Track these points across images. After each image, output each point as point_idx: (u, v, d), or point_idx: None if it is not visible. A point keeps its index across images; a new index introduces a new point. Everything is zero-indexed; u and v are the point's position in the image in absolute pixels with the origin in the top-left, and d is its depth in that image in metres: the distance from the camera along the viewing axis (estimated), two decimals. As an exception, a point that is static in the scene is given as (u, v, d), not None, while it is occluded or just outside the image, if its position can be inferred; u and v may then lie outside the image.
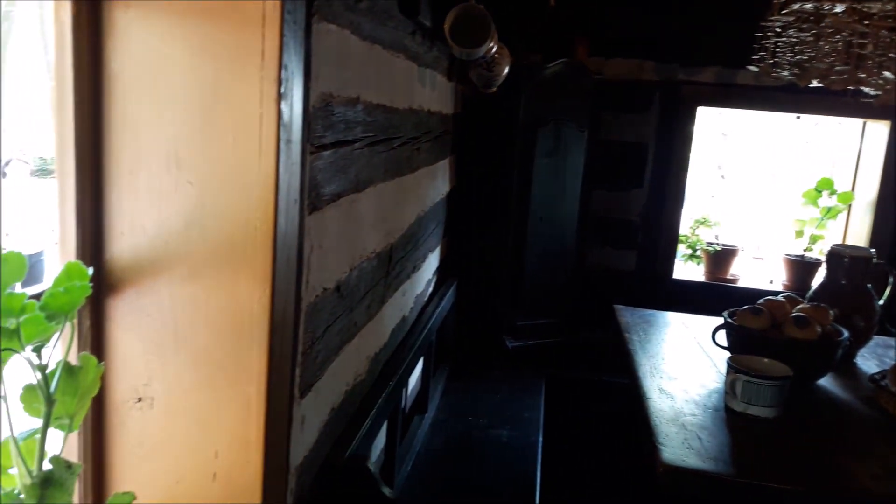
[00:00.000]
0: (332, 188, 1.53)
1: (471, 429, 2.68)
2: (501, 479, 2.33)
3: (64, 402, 0.89)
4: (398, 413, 2.16)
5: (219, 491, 1.18)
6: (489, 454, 2.49)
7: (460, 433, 2.64)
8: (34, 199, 6.26)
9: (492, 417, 2.79)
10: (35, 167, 11.05)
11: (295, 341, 1.32)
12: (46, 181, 6.45)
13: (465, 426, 2.70)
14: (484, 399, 2.97)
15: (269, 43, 1.08)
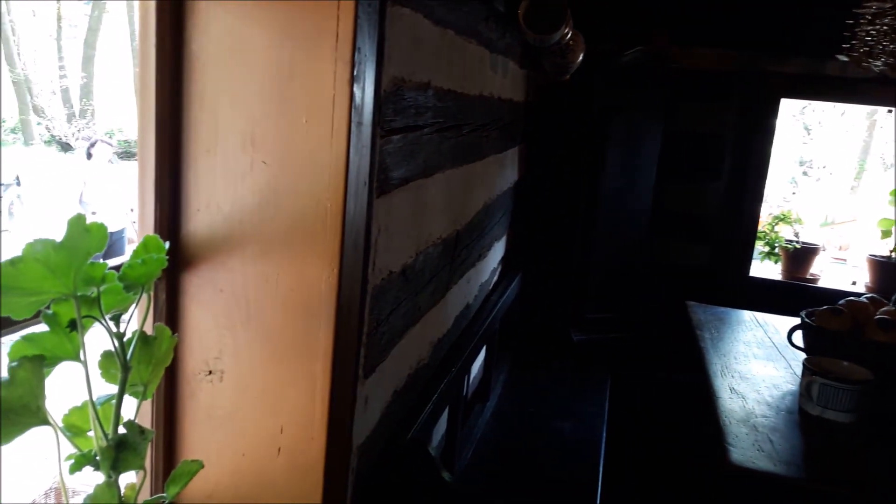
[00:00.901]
0: (401, 172, 1.53)
1: (533, 420, 2.66)
2: (562, 472, 2.31)
3: (139, 371, 0.93)
4: (460, 400, 2.16)
5: (283, 465, 1.21)
6: (551, 447, 2.47)
7: (522, 424, 2.62)
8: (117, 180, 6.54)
9: (554, 410, 2.76)
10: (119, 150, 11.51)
11: (360, 322, 1.34)
12: (129, 163, 6.72)
13: (527, 417, 2.68)
14: (547, 391, 2.94)
15: (344, 25, 1.09)
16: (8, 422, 0.77)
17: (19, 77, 14.81)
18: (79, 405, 0.92)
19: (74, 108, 15.63)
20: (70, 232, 0.79)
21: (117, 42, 16.84)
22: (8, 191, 9.13)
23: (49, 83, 15.70)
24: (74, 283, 0.81)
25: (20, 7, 15.60)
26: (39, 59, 15.82)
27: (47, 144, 14.99)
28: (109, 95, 16.35)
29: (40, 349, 0.82)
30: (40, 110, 15.33)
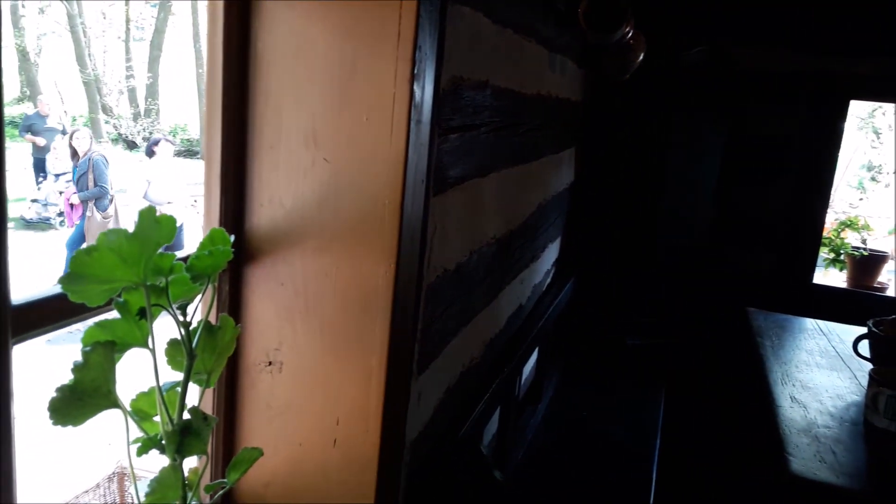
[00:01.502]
0: (457, 171, 1.54)
1: (585, 424, 2.64)
2: (614, 478, 2.28)
3: (203, 359, 0.96)
4: (511, 400, 2.16)
5: (338, 457, 1.23)
6: (603, 451, 2.44)
7: (574, 428, 2.60)
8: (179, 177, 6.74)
9: (607, 415, 2.73)
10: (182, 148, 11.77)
11: (415, 318, 1.35)
12: (192, 161, 6.88)
13: (579, 421, 2.66)
14: (600, 396, 2.91)
15: (406, 23, 1.11)
16: (81, 403, 0.81)
17: (89, 77, 15.41)
18: (145, 391, 0.96)
19: (140, 108, 16.18)
20: (141, 223, 0.82)
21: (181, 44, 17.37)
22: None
23: (117, 83, 16.29)
24: (145, 273, 0.84)
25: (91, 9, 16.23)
26: (108, 59, 16.43)
27: (114, 142, 15.55)
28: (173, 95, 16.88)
29: (112, 335, 0.85)
30: (109, 109, 15.92)
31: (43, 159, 9.53)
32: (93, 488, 3.45)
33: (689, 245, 3.40)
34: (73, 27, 15.21)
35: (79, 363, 0.80)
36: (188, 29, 16.77)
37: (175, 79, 17.01)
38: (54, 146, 9.47)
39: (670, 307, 3.43)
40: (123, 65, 16.27)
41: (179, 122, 16.50)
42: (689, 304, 3.49)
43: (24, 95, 15.96)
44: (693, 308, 3.51)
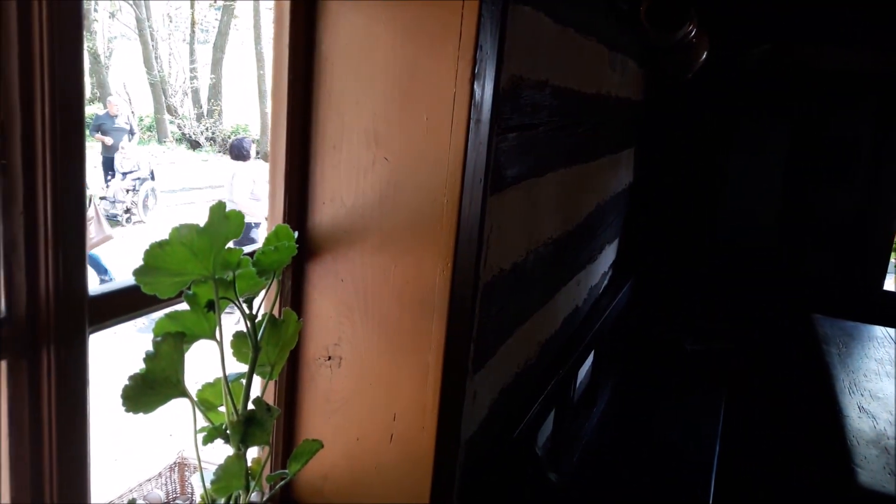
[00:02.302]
0: (515, 171, 1.54)
1: (641, 429, 2.60)
2: (672, 484, 2.24)
3: (267, 352, 0.98)
4: (567, 403, 2.14)
5: (395, 453, 1.25)
6: (660, 457, 2.40)
7: (630, 432, 2.56)
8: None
9: (665, 420, 2.68)
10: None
11: (472, 317, 1.35)
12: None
13: (635, 426, 2.62)
14: (657, 401, 2.86)
15: (467, 23, 1.11)
16: (151, 392, 0.84)
17: (156, 79, 15.93)
18: (211, 381, 0.99)
19: (203, 108, 16.64)
20: (211, 218, 0.85)
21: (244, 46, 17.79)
22: (143, 185, 9.83)
23: (181, 84, 16.79)
24: (214, 266, 0.86)
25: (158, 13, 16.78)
26: (174, 62, 16.95)
27: (178, 142, 16.04)
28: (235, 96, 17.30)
29: (181, 326, 0.88)
30: (173, 110, 16.42)
31: (111, 158, 9.90)
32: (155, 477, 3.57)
33: (751, 248, 3.31)
34: (141, 31, 15.76)
35: (150, 353, 0.83)
36: (250, 31, 17.18)
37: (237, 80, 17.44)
38: (122, 145, 9.83)
39: (731, 311, 3.35)
40: (188, 66, 16.77)
41: (240, 122, 16.91)
42: (751, 308, 3.40)
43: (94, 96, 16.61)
44: (755, 312, 3.41)
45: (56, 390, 0.81)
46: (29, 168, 0.76)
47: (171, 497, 3.51)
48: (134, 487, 3.42)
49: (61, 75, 0.76)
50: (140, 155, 10.24)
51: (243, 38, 18.00)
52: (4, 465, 0.80)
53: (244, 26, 17.83)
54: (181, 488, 3.57)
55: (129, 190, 9.68)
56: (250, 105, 16.80)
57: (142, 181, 9.82)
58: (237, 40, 17.87)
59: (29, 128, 0.75)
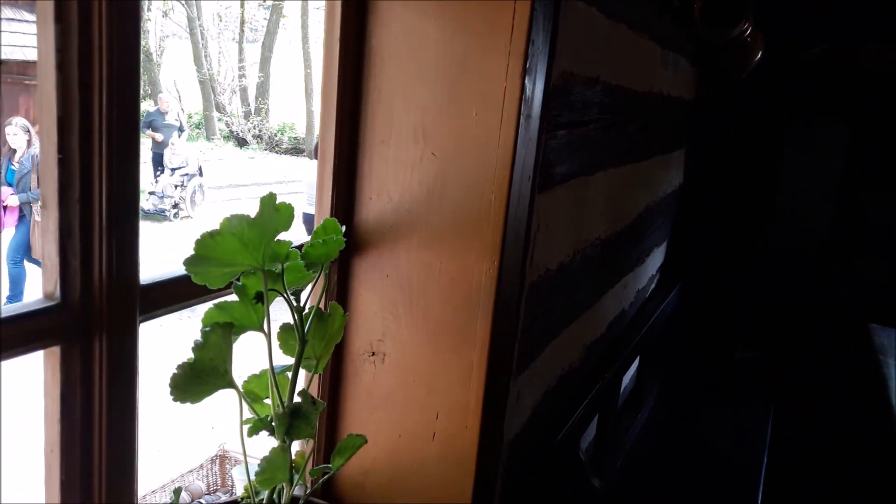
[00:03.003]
0: (563, 169, 1.51)
1: (687, 437, 2.54)
2: (717, 494, 2.18)
3: (313, 345, 0.98)
4: (611, 408, 2.11)
5: (437, 451, 1.23)
6: (706, 466, 2.34)
7: (676, 439, 2.51)
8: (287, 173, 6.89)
9: (712, 429, 2.62)
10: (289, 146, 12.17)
11: (517, 316, 1.33)
12: (297, 159, 7.01)
13: (681, 433, 2.56)
14: (704, 408, 2.79)
15: (520, 18, 1.09)
16: (199, 382, 0.84)
17: (205, 76, 16.25)
18: (257, 373, 0.99)
19: (251, 106, 16.91)
20: (262, 210, 0.85)
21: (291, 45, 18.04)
22: (191, 181, 10.03)
23: (230, 82, 17.10)
24: (263, 258, 0.86)
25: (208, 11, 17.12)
26: (223, 60, 17.27)
27: (226, 140, 16.33)
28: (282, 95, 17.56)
29: (230, 317, 0.89)
30: (222, 107, 16.73)
31: (161, 154, 10.12)
32: (196, 468, 3.63)
33: (806, 253, 3.21)
34: (192, 29, 16.09)
35: (199, 342, 0.84)
36: (297, 31, 17.41)
37: (284, 79, 17.69)
38: (172, 142, 10.04)
39: (783, 319, 3.25)
40: (236, 65, 17.06)
41: (287, 120, 17.14)
42: (804, 316, 3.29)
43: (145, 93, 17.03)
44: (808, 320, 3.30)
45: (108, 377, 0.82)
46: (86, 159, 0.77)
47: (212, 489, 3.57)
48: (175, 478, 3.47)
49: (119, 71, 0.77)
50: (189, 151, 10.45)
51: (291, 37, 18.25)
52: (56, 448, 0.81)
53: (292, 26, 18.08)
54: (222, 481, 3.62)
55: (177, 185, 9.88)
56: (296, 103, 17.02)
57: (190, 177, 10.02)
58: (285, 39, 18.12)
59: (87, 121, 0.76)
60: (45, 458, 0.82)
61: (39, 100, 0.76)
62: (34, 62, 6.88)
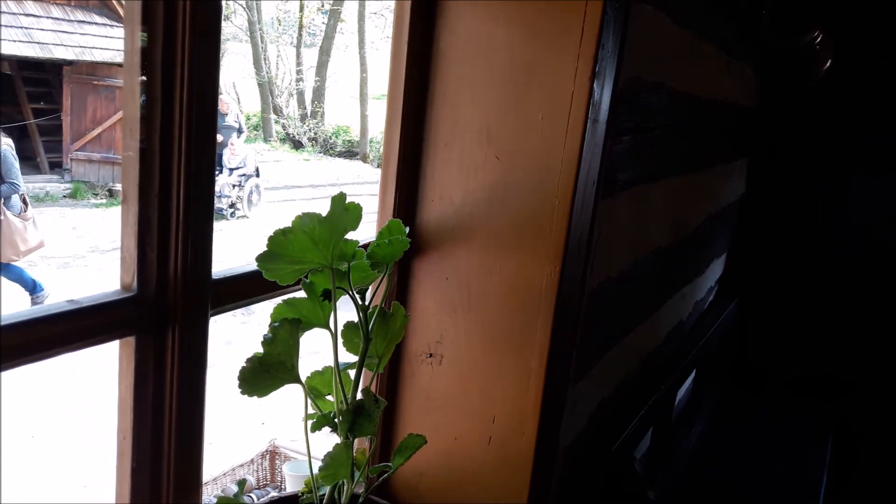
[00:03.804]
0: (626, 175, 1.49)
1: (742, 453, 2.47)
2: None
3: (376, 344, 0.99)
4: (666, 420, 2.07)
5: (492, 455, 1.23)
6: (760, 485, 2.27)
7: (730, 455, 2.44)
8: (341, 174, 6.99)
9: (767, 447, 2.54)
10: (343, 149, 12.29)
11: (576, 323, 1.32)
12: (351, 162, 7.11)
13: (736, 449, 2.49)
14: (760, 426, 2.72)
15: (590, 21, 1.08)
16: (267, 376, 0.86)
17: (264, 79, 16.60)
18: (319, 370, 1.00)
19: (307, 110, 17.21)
20: (333, 208, 0.86)
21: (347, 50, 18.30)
22: (248, 181, 10.25)
23: (287, 86, 17.43)
24: (332, 256, 0.88)
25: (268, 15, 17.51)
26: (281, 63, 17.62)
27: (282, 142, 16.65)
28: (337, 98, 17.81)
29: (297, 313, 0.90)
30: (279, 110, 17.06)
31: (220, 154, 10.38)
32: (247, 463, 3.70)
33: (872, 272, 3.09)
34: (252, 33, 16.47)
35: (268, 337, 0.85)
36: (354, 36, 17.65)
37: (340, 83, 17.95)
38: (231, 143, 10.28)
39: (849, 337, 3.14)
40: (294, 68, 17.39)
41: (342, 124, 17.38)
42: (872, 336, 3.17)
43: (207, 96, 17.43)
44: (878, 342, 3.18)
45: (179, 368, 0.84)
46: (166, 154, 0.79)
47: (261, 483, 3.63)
48: (227, 471, 3.55)
49: (199, 72, 0.79)
50: (247, 152, 10.68)
51: (348, 42, 18.51)
52: (128, 435, 0.84)
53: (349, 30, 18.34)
54: (271, 476, 3.68)
55: (235, 185, 10.11)
56: (352, 107, 17.24)
57: (247, 177, 10.24)
58: (342, 44, 18.40)
59: (168, 119, 0.78)
60: (117, 444, 0.85)
61: (124, 97, 0.79)
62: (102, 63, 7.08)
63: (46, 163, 10.34)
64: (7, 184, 5.69)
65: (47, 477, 3.84)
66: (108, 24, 10.40)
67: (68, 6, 10.19)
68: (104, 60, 10.07)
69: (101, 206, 9.97)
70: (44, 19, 9.69)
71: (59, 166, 10.36)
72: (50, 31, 9.66)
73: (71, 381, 4.84)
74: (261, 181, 10.70)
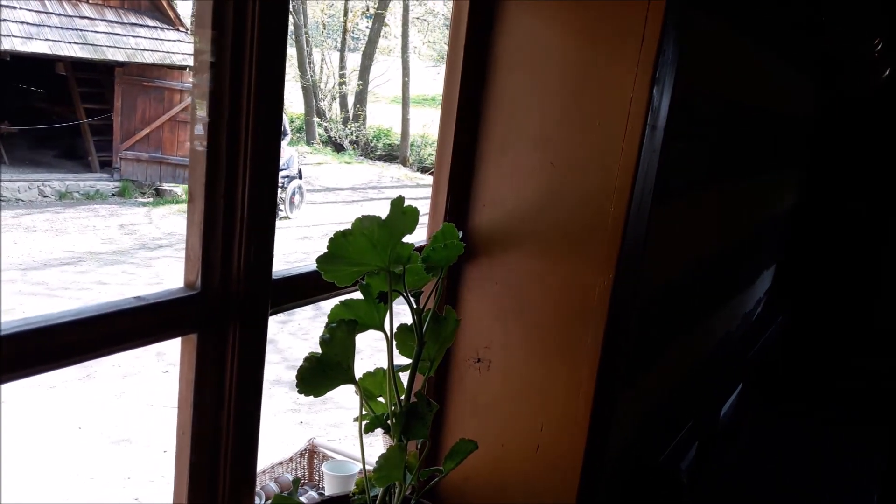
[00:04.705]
0: (680, 183, 1.47)
1: (789, 468, 2.41)
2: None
3: (429, 347, 0.99)
4: (712, 432, 2.03)
5: (540, 463, 1.22)
6: (808, 499, 2.22)
7: (776, 470, 2.39)
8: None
9: (816, 464, 2.47)
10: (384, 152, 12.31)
11: (628, 333, 1.30)
12: (392, 166, 7.12)
13: (782, 464, 2.43)
14: (808, 442, 2.65)
15: (651, 26, 1.07)
16: (324, 376, 0.87)
17: (308, 82, 16.81)
18: (371, 371, 1.01)
19: (349, 113, 17.37)
20: (392, 212, 0.86)
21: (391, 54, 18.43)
22: (291, 183, 10.38)
23: (331, 89, 17.62)
24: (389, 259, 0.88)
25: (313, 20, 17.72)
26: (325, 67, 17.82)
27: (324, 144, 16.83)
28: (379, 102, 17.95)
29: (354, 314, 0.91)
30: (322, 113, 17.25)
31: (264, 156, 10.51)
32: (286, 461, 3.74)
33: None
34: (297, 37, 16.69)
35: (325, 338, 0.86)
36: (397, 40, 17.76)
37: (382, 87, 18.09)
38: (275, 144, 10.40)
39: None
40: (337, 72, 17.57)
41: (383, 127, 17.50)
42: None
43: (252, 98, 17.69)
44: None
45: (238, 366, 0.85)
46: (232, 157, 0.80)
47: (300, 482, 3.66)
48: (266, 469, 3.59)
49: (266, 76, 0.81)
50: (290, 154, 10.82)
51: (391, 46, 18.64)
52: (188, 431, 0.85)
53: (392, 34, 18.47)
54: (310, 475, 3.71)
55: (278, 187, 10.23)
56: (393, 111, 17.35)
57: (290, 179, 10.36)
58: (385, 49, 18.54)
59: (235, 121, 0.80)
60: (176, 440, 0.87)
61: (192, 100, 0.81)
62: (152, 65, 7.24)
63: (97, 161, 10.62)
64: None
65: (91, 468, 3.93)
66: (158, 27, 10.66)
67: (121, 9, 10.47)
68: (154, 62, 10.31)
69: (148, 205, 10.20)
70: (98, 22, 9.98)
71: (109, 165, 10.63)
72: (104, 33, 9.94)
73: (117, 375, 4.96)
74: (303, 183, 10.82)
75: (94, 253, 7.79)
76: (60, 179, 10.01)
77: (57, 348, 0.67)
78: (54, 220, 8.84)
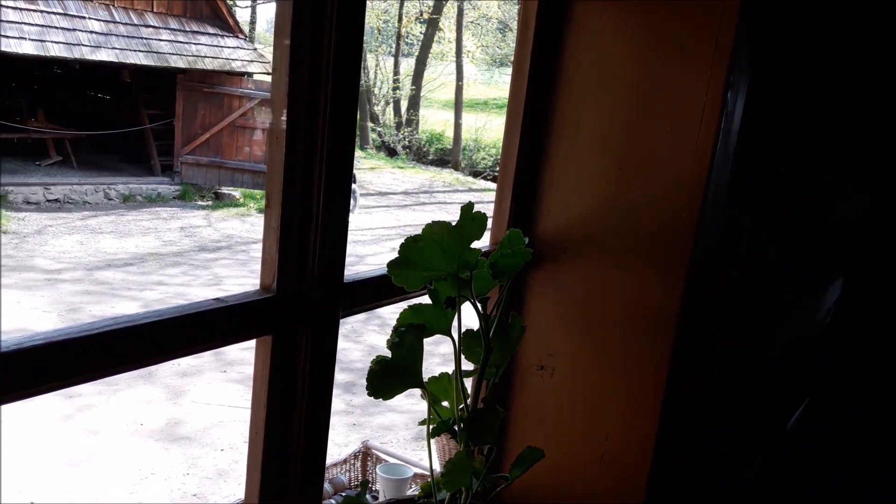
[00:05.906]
0: (751, 189, 1.43)
1: (855, 493, 2.32)
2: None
3: (494, 353, 0.99)
4: (775, 448, 1.97)
5: (604, 473, 1.20)
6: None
7: (842, 485, 2.30)
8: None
9: (885, 482, 2.37)
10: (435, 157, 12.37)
11: (698, 344, 1.27)
12: (443, 171, 7.13)
13: (849, 480, 2.34)
14: (877, 463, 2.54)
15: (725, 29, 1.05)
16: (393, 380, 0.87)
17: (362, 88, 17.03)
18: (436, 376, 1.01)
19: (402, 118, 17.52)
20: (462, 218, 0.86)
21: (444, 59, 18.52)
22: (345, 186, 10.50)
23: (385, 94, 17.80)
24: (458, 265, 0.88)
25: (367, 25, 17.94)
26: (379, 72, 18.02)
27: (378, 149, 17.01)
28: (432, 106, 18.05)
29: (422, 319, 0.91)
30: (376, 118, 17.45)
31: (319, 160, 10.66)
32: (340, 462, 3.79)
33: None
34: (352, 43, 16.92)
35: (395, 342, 0.87)
36: (451, 45, 17.85)
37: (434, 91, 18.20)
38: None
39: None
40: (391, 77, 17.75)
41: (435, 131, 17.60)
42: None
43: (307, 104, 18.01)
44: None
45: (310, 368, 0.86)
46: (309, 164, 0.82)
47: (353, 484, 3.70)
48: (320, 468, 3.64)
49: (341, 83, 0.82)
50: (344, 158, 10.93)
51: (444, 51, 18.74)
52: (261, 430, 0.87)
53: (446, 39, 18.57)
54: (363, 474, 3.75)
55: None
56: (445, 116, 17.43)
57: (343, 183, 10.48)
58: (438, 53, 18.64)
59: (312, 128, 0.81)
60: (249, 438, 0.88)
61: (272, 109, 0.82)
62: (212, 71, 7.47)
63: (159, 165, 10.96)
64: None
65: (152, 463, 4.05)
66: (219, 34, 10.94)
67: (184, 17, 10.78)
68: (214, 69, 10.59)
69: (207, 209, 10.47)
70: (162, 30, 10.30)
71: (170, 169, 10.96)
72: (167, 41, 10.26)
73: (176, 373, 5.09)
74: (357, 188, 10.95)
75: (156, 254, 8.03)
76: (124, 183, 10.36)
77: (144, 347, 0.69)
78: (118, 222, 9.15)
